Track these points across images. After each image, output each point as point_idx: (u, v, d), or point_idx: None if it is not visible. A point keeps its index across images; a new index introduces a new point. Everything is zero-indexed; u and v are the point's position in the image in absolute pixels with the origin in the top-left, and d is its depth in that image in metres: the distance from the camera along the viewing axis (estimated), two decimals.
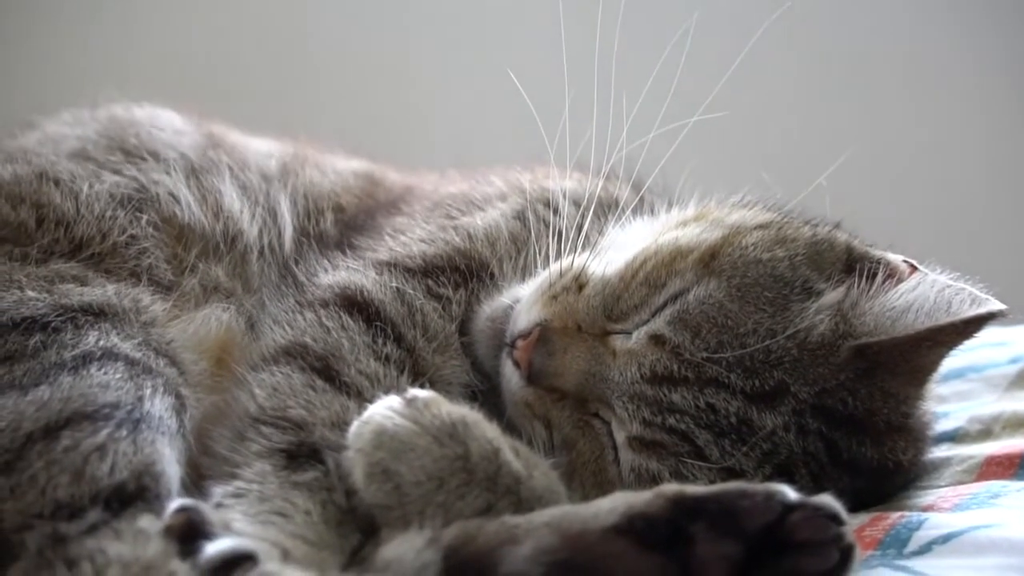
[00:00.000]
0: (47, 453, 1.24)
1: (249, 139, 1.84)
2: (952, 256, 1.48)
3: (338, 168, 1.84)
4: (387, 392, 1.34)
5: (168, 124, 1.79)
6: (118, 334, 1.41)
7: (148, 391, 1.35)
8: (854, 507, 1.35)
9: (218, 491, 1.29)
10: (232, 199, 1.68)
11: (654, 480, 1.35)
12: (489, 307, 1.55)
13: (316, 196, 1.75)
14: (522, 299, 1.52)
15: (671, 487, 1.17)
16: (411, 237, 1.65)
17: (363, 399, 1.38)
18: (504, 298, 1.55)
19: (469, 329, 1.55)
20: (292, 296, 1.58)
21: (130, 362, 1.37)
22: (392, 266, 1.59)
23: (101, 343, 1.38)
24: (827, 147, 1.63)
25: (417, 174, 1.92)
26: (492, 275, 1.59)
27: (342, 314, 1.51)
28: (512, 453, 1.28)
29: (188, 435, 1.38)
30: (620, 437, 1.40)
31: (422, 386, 1.37)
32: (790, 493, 1.13)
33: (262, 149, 1.81)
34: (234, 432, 1.37)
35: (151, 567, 1.17)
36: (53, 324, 1.39)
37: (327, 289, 1.56)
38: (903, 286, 1.42)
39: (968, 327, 1.38)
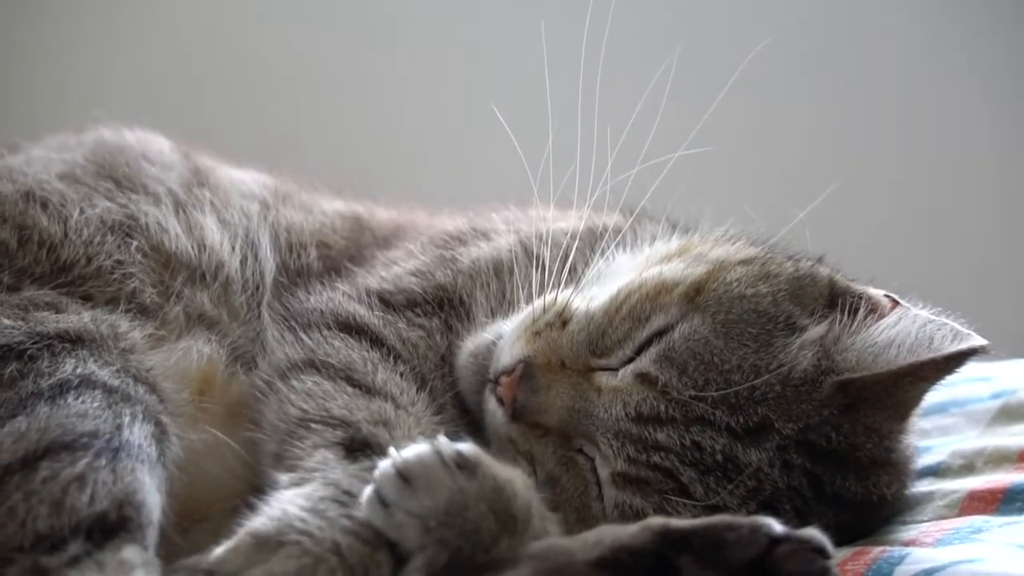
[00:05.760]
0: (25, 484, 1.26)
1: (234, 173, 1.86)
2: (936, 290, 1.50)
3: (324, 209, 1.86)
4: (412, 405, 1.42)
5: (157, 156, 1.80)
6: (96, 361, 1.42)
7: (127, 419, 1.36)
8: (838, 541, 1.37)
9: (284, 479, 1.32)
10: (214, 233, 1.70)
11: (638, 516, 1.36)
12: (472, 343, 1.57)
13: (299, 232, 1.77)
14: (505, 335, 1.54)
15: (657, 520, 1.19)
16: (404, 268, 1.69)
17: (397, 404, 1.44)
18: (487, 334, 1.57)
19: (453, 365, 1.57)
20: (293, 320, 1.61)
21: (108, 390, 1.39)
22: (382, 296, 1.63)
23: (78, 371, 1.40)
24: (812, 181, 1.66)
25: (409, 211, 1.94)
26: (472, 311, 1.62)
27: (345, 335, 1.56)
28: (538, 514, 1.29)
29: (170, 463, 1.39)
30: (604, 473, 1.42)
31: (441, 407, 1.46)
32: (776, 526, 1.15)
33: (245, 187, 1.83)
34: (280, 437, 1.41)
35: None
36: (29, 352, 1.40)
37: (322, 315, 1.60)
38: (885, 321, 1.45)
39: (950, 363, 1.41)
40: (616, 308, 1.50)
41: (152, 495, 1.32)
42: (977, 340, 1.40)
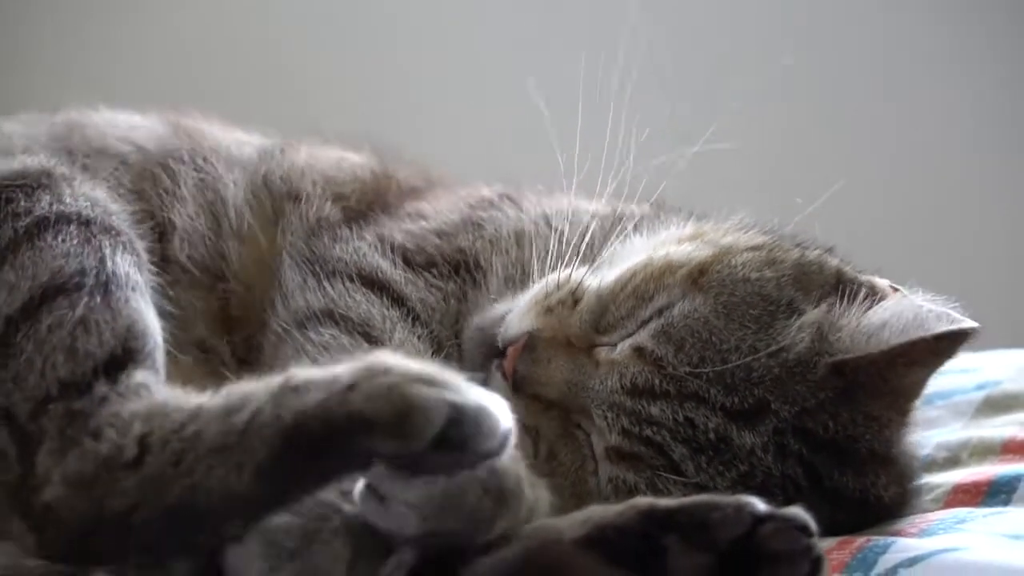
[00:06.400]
0: (34, 335, 1.23)
1: (226, 131, 1.81)
2: (940, 281, 1.49)
3: (342, 155, 1.82)
4: None
5: (124, 121, 1.75)
6: (71, 194, 1.39)
7: (108, 250, 1.32)
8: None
9: None
10: (182, 204, 1.65)
11: (631, 492, 1.34)
12: (480, 317, 1.55)
13: (308, 178, 1.73)
14: (515, 308, 1.52)
15: (643, 500, 1.16)
16: (429, 226, 1.67)
17: None
18: (497, 308, 1.55)
19: (460, 338, 1.56)
20: (318, 265, 1.59)
21: (84, 222, 1.35)
22: (404, 254, 1.62)
23: (54, 207, 1.36)
24: (826, 177, 1.67)
25: (438, 173, 1.89)
26: (488, 278, 1.61)
27: (367, 290, 1.54)
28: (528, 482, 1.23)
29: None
30: (599, 448, 1.40)
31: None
32: (760, 505, 1.12)
33: (239, 135, 1.79)
34: None
35: (168, 409, 1.17)
36: (5, 195, 1.36)
37: (346, 265, 1.58)
38: (880, 305, 1.43)
39: (940, 343, 1.38)
40: (621, 287, 1.48)
41: (151, 319, 1.29)
42: (969, 323, 1.37)
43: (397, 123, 3.19)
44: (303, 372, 1.14)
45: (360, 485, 1.17)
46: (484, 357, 1.51)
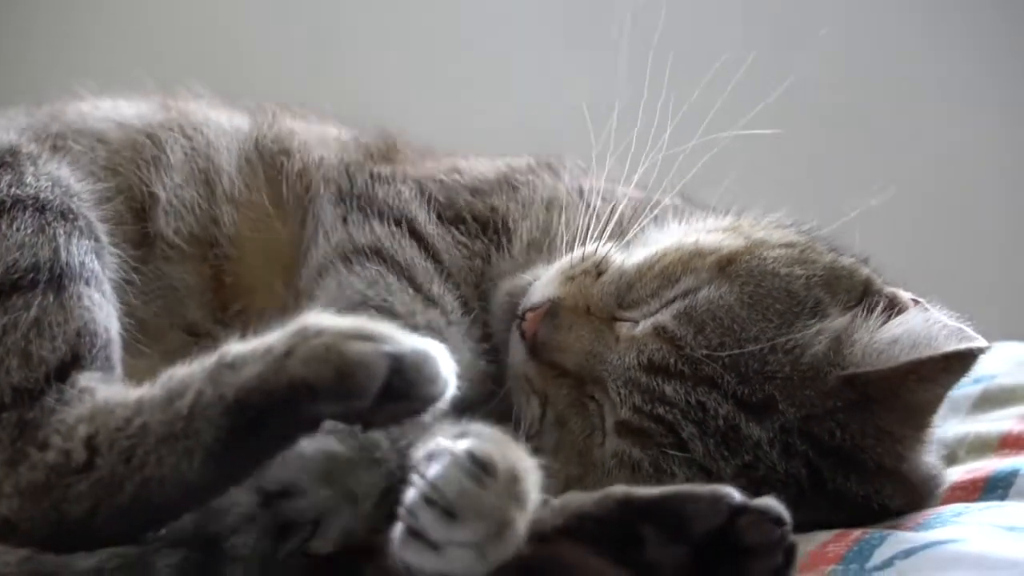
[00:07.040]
0: None
1: (218, 107, 1.79)
2: (935, 274, 1.50)
3: (336, 132, 1.81)
4: (459, 325, 1.46)
5: (109, 104, 1.75)
6: (33, 172, 1.39)
7: (62, 239, 1.32)
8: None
9: None
10: (167, 178, 1.63)
11: (634, 469, 1.38)
12: (510, 283, 1.58)
13: (304, 143, 1.72)
14: (541, 278, 1.55)
15: (618, 488, 1.18)
16: (464, 181, 1.70)
17: (448, 320, 1.47)
18: (526, 275, 1.58)
19: (484, 299, 1.59)
20: (364, 201, 1.61)
21: (39, 208, 1.35)
22: (437, 207, 1.64)
23: (12, 190, 1.36)
24: (870, 182, 1.66)
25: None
26: (512, 241, 1.64)
27: (411, 239, 1.57)
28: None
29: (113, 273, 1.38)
30: (610, 421, 1.42)
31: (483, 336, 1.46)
32: (736, 495, 1.14)
33: (228, 111, 1.77)
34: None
35: (110, 406, 1.18)
36: None
37: (390, 209, 1.61)
38: (897, 319, 1.43)
39: (950, 362, 1.38)
40: (649, 266, 1.50)
41: (103, 314, 1.30)
42: (980, 342, 1.38)
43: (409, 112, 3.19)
44: (236, 347, 1.16)
45: (399, 531, 1.10)
46: (509, 323, 1.54)
